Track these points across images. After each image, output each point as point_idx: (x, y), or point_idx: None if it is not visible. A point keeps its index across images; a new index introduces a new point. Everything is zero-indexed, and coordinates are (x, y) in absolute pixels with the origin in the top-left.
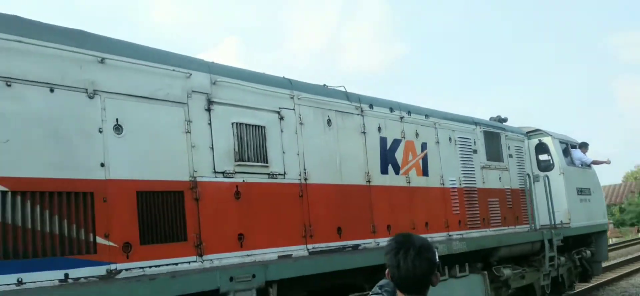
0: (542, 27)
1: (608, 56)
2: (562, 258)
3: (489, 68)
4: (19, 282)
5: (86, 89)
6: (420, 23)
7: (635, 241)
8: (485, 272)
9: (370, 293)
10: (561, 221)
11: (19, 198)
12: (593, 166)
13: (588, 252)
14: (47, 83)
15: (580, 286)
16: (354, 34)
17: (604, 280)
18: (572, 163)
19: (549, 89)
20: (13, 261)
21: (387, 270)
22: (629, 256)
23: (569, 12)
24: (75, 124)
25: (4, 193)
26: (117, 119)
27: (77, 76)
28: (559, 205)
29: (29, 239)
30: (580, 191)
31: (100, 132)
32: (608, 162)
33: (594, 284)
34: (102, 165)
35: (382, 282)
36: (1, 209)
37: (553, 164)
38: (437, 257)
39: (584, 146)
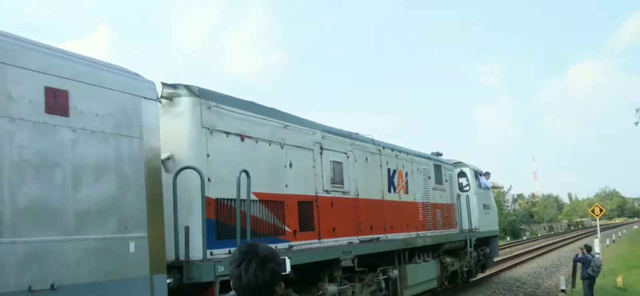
0: (415, 50)
1: (470, 82)
2: (474, 253)
3: (366, 83)
4: None
5: (280, 143)
6: (300, 34)
7: (507, 245)
8: (438, 258)
9: None
10: (474, 227)
11: (259, 203)
12: (491, 188)
13: (487, 250)
14: (268, 140)
15: (480, 275)
16: (234, 39)
17: (493, 271)
18: (480, 186)
19: (419, 108)
20: (256, 238)
21: (231, 281)
22: (510, 255)
23: (440, 38)
24: (278, 163)
25: (255, 201)
26: (290, 160)
27: (278, 136)
28: (472, 216)
29: (262, 225)
30: (485, 207)
31: (285, 167)
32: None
33: (487, 273)
34: (286, 186)
35: (230, 294)
36: (255, 208)
37: (469, 187)
38: (286, 266)
39: (487, 174)
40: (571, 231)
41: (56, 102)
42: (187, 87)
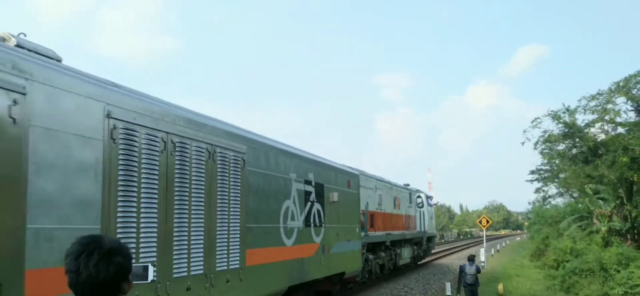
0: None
1: (373, 93)
2: (424, 245)
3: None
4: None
5: (373, 188)
6: (194, 22)
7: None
8: (411, 246)
9: None
10: (425, 230)
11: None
12: (433, 206)
13: (430, 244)
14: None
15: (425, 260)
16: (114, 18)
17: (429, 259)
18: (428, 205)
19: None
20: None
21: (67, 278)
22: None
23: (343, 49)
24: (363, 202)
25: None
26: (380, 195)
27: (359, 184)
28: (425, 223)
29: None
30: (430, 218)
31: (371, 199)
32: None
33: (426, 260)
34: (367, 204)
35: None
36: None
37: (423, 205)
38: (148, 273)
39: (431, 198)
40: (461, 239)
41: None
42: None
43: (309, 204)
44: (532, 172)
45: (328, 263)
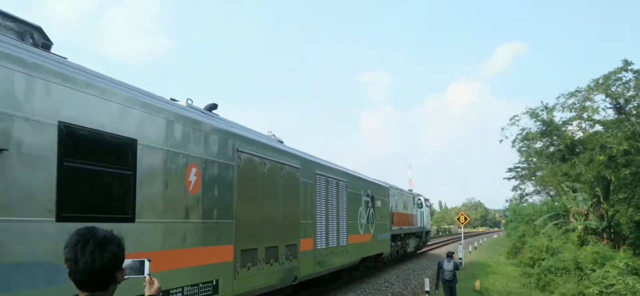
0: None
1: (358, 90)
2: (423, 238)
3: (257, 77)
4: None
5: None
6: (189, 22)
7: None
8: (417, 238)
9: None
10: (424, 226)
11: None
12: (429, 207)
13: (426, 237)
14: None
15: (423, 249)
16: (118, 19)
17: (424, 250)
18: (426, 206)
19: (307, 109)
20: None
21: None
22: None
23: (330, 47)
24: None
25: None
26: (404, 201)
27: (388, 193)
28: (424, 220)
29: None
30: (427, 216)
31: (402, 205)
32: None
33: (421, 251)
34: (396, 206)
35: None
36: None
37: (422, 205)
38: (144, 268)
39: (428, 200)
40: (439, 236)
41: None
42: None
43: (368, 209)
44: (510, 170)
45: (375, 246)
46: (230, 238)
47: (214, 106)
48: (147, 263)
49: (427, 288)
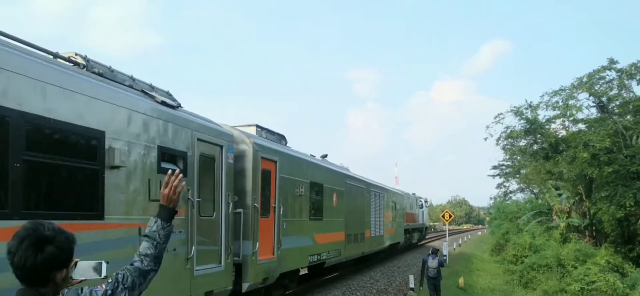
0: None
1: (345, 88)
2: (423, 233)
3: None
4: None
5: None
6: (178, 19)
7: None
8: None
9: None
10: (423, 222)
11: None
12: (427, 207)
13: (425, 231)
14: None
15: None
16: (104, 13)
17: (422, 243)
18: (426, 206)
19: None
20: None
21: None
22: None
23: (317, 44)
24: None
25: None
26: (413, 202)
27: (403, 198)
28: (423, 218)
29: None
30: (426, 214)
31: (412, 206)
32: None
33: (416, 243)
34: (410, 207)
35: None
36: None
37: (423, 206)
38: (101, 269)
39: (426, 201)
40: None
41: None
42: None
43: (393, 211)
44: (494, 167)
45: (396, 237)
46: (343, 228)
47: (325, 156)
48: (104, 265)
49: (411, 285)
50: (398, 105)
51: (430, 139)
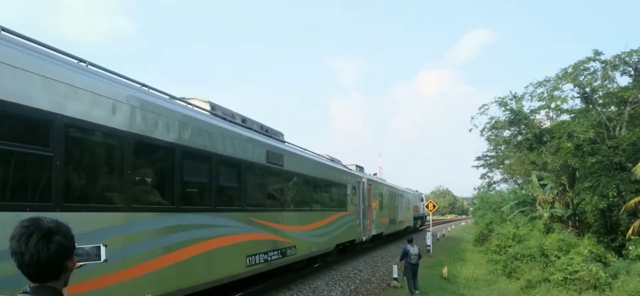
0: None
1: (329, 77)
2: (424, 220)
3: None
4: None
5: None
6: (151, 4)
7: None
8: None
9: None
10: (423, 213)
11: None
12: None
13: (424, 219)
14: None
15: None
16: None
17: (422, 228)
18: (424, 200)
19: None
20: None
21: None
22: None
23: (298, 35)
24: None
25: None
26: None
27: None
28: (423, 210)
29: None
30: (425, 206)
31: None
32: None
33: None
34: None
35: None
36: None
37: (423, 200)
38: (100, 253)
39: (425, 196)
40: None
41: None
42: None
43: (408, 204)
44: (478, 158)
45: (410, 222)
46: (388, 216)
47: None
48: (103, 249)
49: (394, 275)
50: (382, 95)
51: (415, 129)
